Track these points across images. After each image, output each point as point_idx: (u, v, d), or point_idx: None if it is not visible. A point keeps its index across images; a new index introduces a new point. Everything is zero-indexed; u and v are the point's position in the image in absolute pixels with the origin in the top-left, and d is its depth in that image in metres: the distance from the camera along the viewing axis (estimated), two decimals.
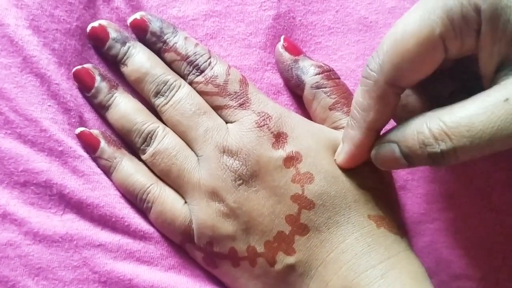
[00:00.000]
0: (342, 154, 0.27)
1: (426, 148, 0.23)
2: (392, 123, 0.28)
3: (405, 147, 0.24)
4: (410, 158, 0.24)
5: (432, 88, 0.28)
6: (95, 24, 0.31)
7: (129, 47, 0.31)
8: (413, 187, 0.32)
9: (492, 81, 0.23)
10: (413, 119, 0.24)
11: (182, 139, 0.30)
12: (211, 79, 0.30)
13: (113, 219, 0.29)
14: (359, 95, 0.25)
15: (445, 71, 0.27)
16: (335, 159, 0.28)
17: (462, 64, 0.26)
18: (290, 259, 0.27)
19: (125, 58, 0.31)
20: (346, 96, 0.30)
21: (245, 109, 0.29)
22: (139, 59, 0.30)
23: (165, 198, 0.29)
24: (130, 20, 0.31)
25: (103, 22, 0.31)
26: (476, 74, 0.24)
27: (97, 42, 0.31)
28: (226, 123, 0.29)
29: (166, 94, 0.30)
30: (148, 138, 0.30)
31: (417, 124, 0.24)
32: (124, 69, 0.31)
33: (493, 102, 0.22)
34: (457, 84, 0.28)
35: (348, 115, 0.29)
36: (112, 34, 0.31)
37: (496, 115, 0.22)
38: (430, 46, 0.23)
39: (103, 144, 0.30)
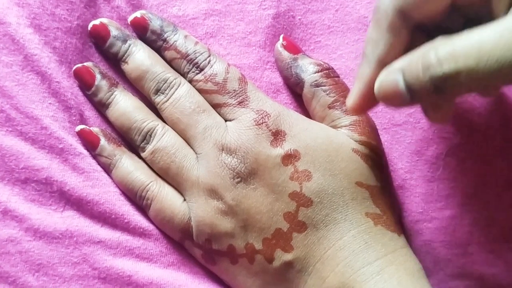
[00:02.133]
0: (353, 95, 0.26)
1: (429, 70, 0.22)
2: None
3: (409, 73, 0.23)
4: (413, 89, 0.23)
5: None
6: (96, 22, 0.31)
7: (130, 45, 0.31)
8: (412, 186, 0.32)
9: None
10: (419, 48, 0.23)
11: (182, 137, 0.30)
12: (210, 77, 0.30)
13: (113, 216, 0.29)
14: (370, 29, 0.25)
15: (456, 19, 0.26)
16: (346, 102, 0.27)
17: (473, 10, 0.25)
18: (288, 256, 0.27)
19: (125, 55, 0.31)
20: (345, 94, 0.30)
21: (244, 107, 0.29)
22: (140, 57, 0.31)
23: (164, 196, 0.30)
24: (130, 18, 0.32)
25: (104, 20, 0.31)
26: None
27: (98, 40, 0.31)
28: (225, 121, 0.30)
29: (166, 92, 0.30)
30: (148, 136, 0.30)
31: (423, 49, 0.23)
32: (125, 67, 0.31)
33: (506, 26, 0.21)
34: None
35: (347, 114, 0.30)
36: (113, 32, 0.31)
37: (507, 37, 0.21)
38: None
39: (103, 141, 0.30)
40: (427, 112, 0.27)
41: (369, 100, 0.26)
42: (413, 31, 0.25)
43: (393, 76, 0.23)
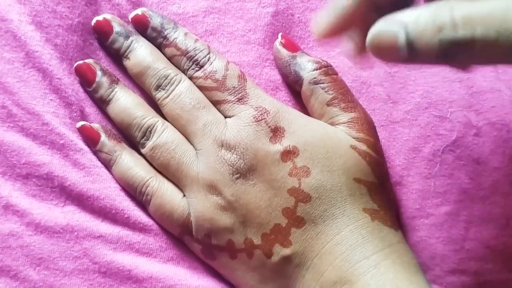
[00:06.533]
0: (323, 21, 0.24)
1: (440, 33, 0.19)
2: None
3: (415, 30, 0.20)
4: (414, 47, 0.20)
5: None
6: (100, 18, 0.31)
7: (132, 41, 0.31)
8: (409, 183, 0.32)
9: None
10: (431, 3, 0.20)
11: (182, 133, 0.30)
12: (210, 74, 0.30)
13: (113, 211, 0.30)
14: None
15: None
16: (312, 27, 0.25)
17: None
18: (287, 251, 0.27)
19: (127, 51, 0.31)
20: (343, 92, 0.31)
21: (243, 103, 0.30)
22: (142, 53, 0.31)
23: (164, 191, 0.30)
24: (131, 15, 0.32)
25: (107, 16, 0.32)
26: None
27: (101, 35, 0.32)
28: (225, 117, 0.30)
29: (167, 88, 0.30)
30: (148, 132, 0.30)
31: (436, 5, 0.20)
32: (127, 63, 0.31)
33: None
34: None
35: (346, 111, 0.30)
36: (116, 28, 0.31)
37: None
38: None
39: (103, 137, 0.31)
40: None
41: (337, 30, 0.23)
42: None
43: (394, 27, 0.20)
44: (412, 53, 0.20)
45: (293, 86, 0.32)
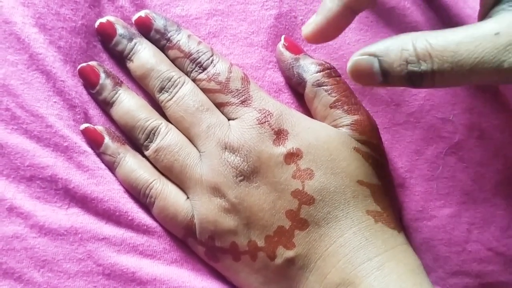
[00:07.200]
0: (312, 25, 0.28)
1: (408, 66, 0.23)
2: None
3: (385, 62, 0.24)
4: (388, 75, 0.24)
5: None
6: (103, 20, 0.31)
7: (135, 43, 0.31)
8: (411, 185, 0.32)
9: (487, 15, 0.24)
10: (397, 37, 0.24)
11: (185, 135, 0.30)
12: (213, 77, 0.30)
13: (117, 213, 0.30)
14: None
15: None
16: (302, 29, 0.28)
17: None
18: (290, 253, 0.28)
19: (131, 54, 0.31)
20: (346, 94, 0.31)
21: (246, 106, 0.30)
22: (145, 55, 0.31)
23: (168, 194, 0.30)
24: (135, 17, 0.32)
25: (111, 18, 0.32)
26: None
27: (105, 37, 0.32)
28: (228, 120, 0.30)
29: (170, 90, 0.30)
30: (151, 135, 0.31)
31: (402, 41, 0.24)
32: (130, 65, 0.32)
33: (483, 33, 0.22)
34: None
35: (349, 114, 0.30)
36: (119, 30, 0.31)
37: (483, 47, 0.22)
38: None
39: (107, 140, 0.31)
40: None
41: (326, 35, 0.27)
42: None
43: (368, 60, 0.25)
44: (386, 79, 0.24)
45: (296, 89, 0.32)
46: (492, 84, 0.31)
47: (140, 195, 0.30)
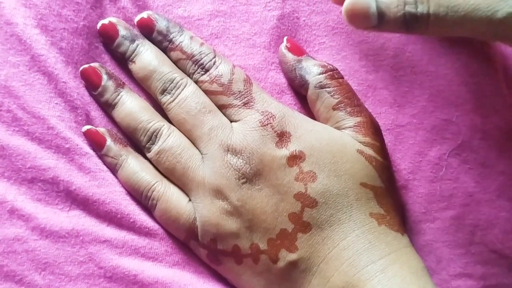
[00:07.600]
0: None
1: (405, 7, 0.25)
2: None
3: (383, 2, 0.25)
4: (383, 17, 0.25)
5: None
6: (105, 21, 0.31)
7: (137, 45, 0.31)
8: (414, 187, 0.32)
9: None
10: None
11: (187, 137, 0.30)
12: (215, 78, 0.30)
13: (119, 215, 0.30)
14: None
15: None
16: None
17: None
18: (293, 256, 0.27)
19: (133, 55, 0.31)
20: (349, 96, 0.30)
21: (249, 108, 0.29)
22: (147, 57, 0.31)
23: (170, 196, 0.30)
24: (137, 19, 0.32)
25: (113, 19, 0.32)
26: None
27: (107, 39, 0.32)
28: (231, 122, 0.30)
29: (173, 92, 0.30)
30: (153, 137, 0.30)
31: None
32: (132, 66, 0.31)
33: None
34: None
35: (352, 115, 0.30)
36: (122, 31, 0.31)
37: None
38: None
39: (109, 142, 0.31)
40: None
41: None
42: None
43: (366, 0, 0.26)
44: (380, 22, 0.26)
45: (299, 90, 0.32)
46: (483, 39, 0.32)
47: (142, 197, 0.30)
